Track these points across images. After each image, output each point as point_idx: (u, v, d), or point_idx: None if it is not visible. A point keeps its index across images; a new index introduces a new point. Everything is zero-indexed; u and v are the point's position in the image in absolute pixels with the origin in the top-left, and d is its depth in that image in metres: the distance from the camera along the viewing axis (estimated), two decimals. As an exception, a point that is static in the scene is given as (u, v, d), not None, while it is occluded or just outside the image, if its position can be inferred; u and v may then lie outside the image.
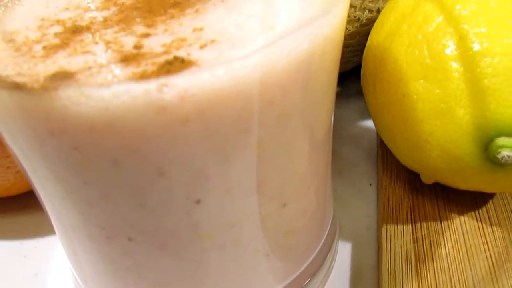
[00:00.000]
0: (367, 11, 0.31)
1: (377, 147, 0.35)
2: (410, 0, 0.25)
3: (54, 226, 0.22)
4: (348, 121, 0.40)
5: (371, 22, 0.32)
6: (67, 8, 0.21)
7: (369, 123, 0.39)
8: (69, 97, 0.13)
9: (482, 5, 0.22)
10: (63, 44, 0.17)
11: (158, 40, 0.16)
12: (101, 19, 0.20)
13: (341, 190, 0.32)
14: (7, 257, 0.30)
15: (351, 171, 0.34)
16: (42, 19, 0.20)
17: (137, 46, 0.16)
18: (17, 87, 0.13)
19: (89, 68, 0.15)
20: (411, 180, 0.29)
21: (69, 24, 0.19)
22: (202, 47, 0.15)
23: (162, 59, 0.15)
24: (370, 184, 0.33)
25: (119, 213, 0.17)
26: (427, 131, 0.23)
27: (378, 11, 0.32)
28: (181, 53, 0.15)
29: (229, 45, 0.15)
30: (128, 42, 0.16)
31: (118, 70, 0.15)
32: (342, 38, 0.18)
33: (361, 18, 0.31)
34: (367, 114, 0.39)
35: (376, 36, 0.26)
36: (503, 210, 0.27)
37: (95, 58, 0.16)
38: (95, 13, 0.20)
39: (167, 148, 0.15)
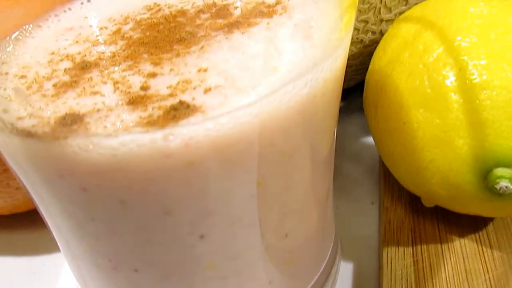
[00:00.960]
0: (370, 33, 0.32)
1: (379, 165, 0.35)
2: (411, 28, 0.25)
3: (62, 251, 0.22)
4: (351, 137, 0.40)
5: (374, 43, 0.32)
6: (76, 42, 0.22)
7: (372, 139, 0.39)
8: (78, 144, 0.14)
9: (482, 37, 0.22)
10: (73, 83, 0.18)
11: (164, 81, 0.17)
12: (109, 54, 0.20)
13: (343, 208, 0.33)
14: (15, 274, 0.30)
15: (353, 188, 0.35)
16: (52, 53, 0.21)
17: (144, 87, 0.17)
18: (29, 135, 0.14)
19: (98, 110, 0.16)
20: (412, 201, 0.30)
21: (78, 59, 0.20)
22: (206, 91, 0.16)
23: (168, 103, 0.15)
24: (372, 203, 0.33)
25: (126, 247, 0.17)
26: (427, 159, 0.23)
27: (381, 33, 0.32)
28: (186, 97, 0.16)
29: (233, 90, 0.15)
30: (135, 82, 0.17)
31: (126, 115, 0.15)
32: (343, 76, 0.19)
33: (364, 40, 0.32)
34: (369, 130, 0.40)
35: (378, 61, 0.27)
36: (503, 233, 0.27)
37: (104, 100, 0.16)
38: (103, 48, 0.21)
39: (173, 189, 0.15)
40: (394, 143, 0.25)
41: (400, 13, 0.32)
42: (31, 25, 0.23)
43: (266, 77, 0.16)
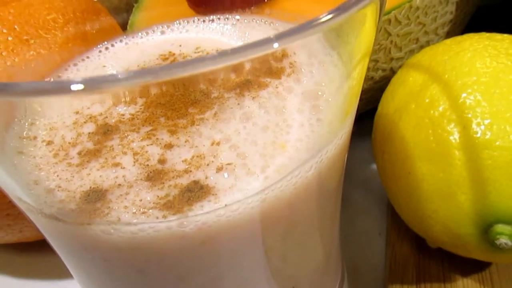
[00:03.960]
0: (380, 70, 0.32)
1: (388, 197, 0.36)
2: (418, 78, 0.26)
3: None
4: (360, 162, 0.41)
5: (384, 79, 0.33)
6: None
7: (381, 166, 0.40)
8: (101, 229, 0.15)
9: (486, 95, 0.23)
10: (96, 152, 0.19)
11: (180, 154, 0.18)
12: (129, 117, 0.21)
13: (351, 239, 0.34)
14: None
15: (361, 218, 0.35)
16: (77, 113, 0.22)
17: (161, 161, 0.18)
18: (56, 219, 0.15)
19: (119, 185, 0.17)
20: (418, 238, 0.31)
21: (100, 121, 0.21)
22: (218, 170, 0.17)
23: (183, 181, 0.17)
24: (379, 234, 0.34)
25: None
26: (430, 209, 0.24)
27: (392, 70, 0.33)
28: (200, 175, 0.17)
29: (243, 171, 0.16)
30: (153, 153, 0.18)
31: (144, 193, 0.16)
32: (348, 147, 0.20)
33: (374, 77, 0.33)
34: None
35: (387, 106, 0.28)
36: (506, 273, 0.28)
37: (124, 173, 0.17)
38: (123, 108, 0.22)
39: (186, 261, 0.17)
40: (399, 189, 0.26)
41: (411, 51, 0.32)
42: (51, 79, 0.25)
43: (275, 158, 0.17)
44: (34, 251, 0.35)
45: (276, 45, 0.11)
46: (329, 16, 0.12)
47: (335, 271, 0.27)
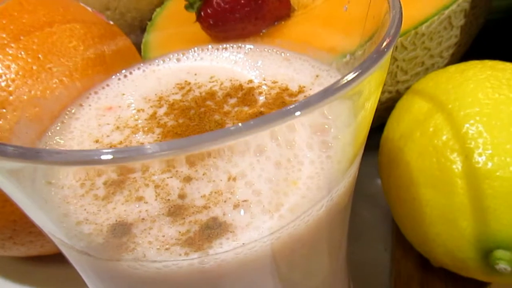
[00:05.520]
0: (386, 93, 0.33)
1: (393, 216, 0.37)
2: (423, 106, 0.27)
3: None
4: (367, 177, 0.42)
5: (389, 100, 0.34)
6: (117, 127, 0.24)
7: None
8: (129, 265, 0.16)
9: (488, 126, 0.24)
10: (120, 183, 0.20)
11: (198, 188, 0.19)
12: (148, 146, 0.23)
13: (358, 254, 0.35)
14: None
15: (368, 234, 0.37)
16: (97, 141, 0.24)
17: (181, 196, 0.19)
18: (87, 254, 0.17)
19: (142, 220, 0.18)
20: (422, 255, 0.32)
21: (120, 150, 0.23)
22: (235, 207, 0.18)
23: (203, 217, 0.18)
24: (385, 249, 0.35)
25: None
26: (434, 232, 0.26)
27: (397, 92, 0.34)
28: (218, 211, 0.18)
29: (259, 208, 0.18)
30: (173, 187, 0.20)
31: (166, 228, 0.18)
32: (355, 180, 0.21)
33: (380, 99, 0.34)
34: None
35: (392, 131, 0.29)
36: (506, 291, 0.29)
37: (147, 208, 0.19)
38: (142, 137, 0.23)
39: (205, 289, 0.18)
40: (404, 212, 0.27)
41: (416, 74, 0.33)
42: (73, 109, 0.26)
43: (288, 195, 0.18)
44: (52, 262, 0.36)
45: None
46: (351, 82, 0.13)
47: (341, 286, 0.28)
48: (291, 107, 0.13)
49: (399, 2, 0.19)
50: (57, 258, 0.36)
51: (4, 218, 0.28)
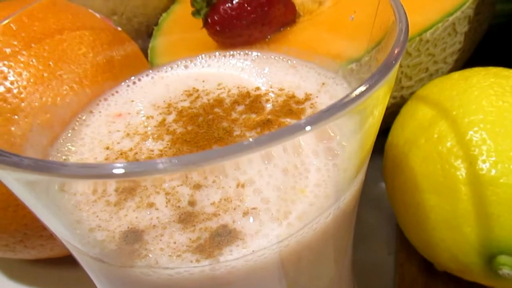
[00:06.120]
0: (391, 98, 0.34)
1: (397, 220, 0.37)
2: (427, 113, 0.27)
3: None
4: (371, 181, 0.42)
5: (394, 105, 0.35)
6: (127, 134, 0.25)
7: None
8: (141, 272, 0.17)
9: (492, 133, 0.24)
10: (131, 190, 0.21)
11: (208, 195, 0.20)
12: (158, 153, 0.23)
13: (362, 258, 0.35)
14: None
15: (372, 237, 0.37)
16: (107, 148, 0.24)
17: (191, 203, 0.20)
18: (101, 261, 0.17)
19: (154, 226, 0.19)
20: (426, 259, 0.32)
21: (131, 156, 0.23)
22: (244, 214, 0.19)
23: (213, 225, 0.18)
24: (389, 254, 0.36)
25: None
26: (438, 237, 0.26)
27: (402, 97, 0.34)
28: (227, 219, 0.19)
29: (267, 216, 0.18)
30: (183, 194, 0.20)
31: (177, 235, 0.18)
32: (362, 187, 0.21)
33: (385, 104, 0.34)
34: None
35: (397, 137, 0.29)
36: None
37: (158, 215, 0.19)
38: (152, 144, 0.24)
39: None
40: (409, 217, 0.28)
41: (420, 80, 0.34)
42: (84, 115, 0.26)
43: (295, 203, 0.19)
44: (61, 265, 0.37)
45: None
46: (360, 96, 0.14)
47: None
48: (302, 122, 0.13)
49: (405, 14, 0.19)
50: (66, 261, 0.37)
51: (16, 222, 0.29)
